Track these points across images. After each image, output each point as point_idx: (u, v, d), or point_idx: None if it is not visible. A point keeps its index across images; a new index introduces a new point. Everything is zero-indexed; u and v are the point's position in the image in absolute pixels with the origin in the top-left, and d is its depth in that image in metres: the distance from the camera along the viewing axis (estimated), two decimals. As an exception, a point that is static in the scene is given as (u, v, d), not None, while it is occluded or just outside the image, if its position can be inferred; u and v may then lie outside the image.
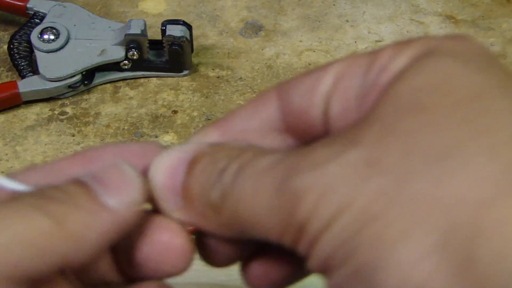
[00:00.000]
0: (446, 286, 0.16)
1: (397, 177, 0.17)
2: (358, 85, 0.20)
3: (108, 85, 0.52)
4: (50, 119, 0.50)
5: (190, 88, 0.52)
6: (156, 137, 0.49)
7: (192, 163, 0.22)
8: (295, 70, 0.53)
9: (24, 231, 0.19)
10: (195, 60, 0.53)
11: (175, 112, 0.51)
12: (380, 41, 0.56)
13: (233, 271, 0.41)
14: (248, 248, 0.23)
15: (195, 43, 0.53)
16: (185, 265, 0.22)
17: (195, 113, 0.50)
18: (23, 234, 0.19)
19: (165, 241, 0.22)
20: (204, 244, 0.23)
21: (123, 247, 0.23)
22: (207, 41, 0.56)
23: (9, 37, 0.53)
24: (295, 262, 0.23)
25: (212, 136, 0.23)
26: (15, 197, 0.20)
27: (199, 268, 0.41)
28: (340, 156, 0.18)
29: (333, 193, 0.18)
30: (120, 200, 0.21)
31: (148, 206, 0.23)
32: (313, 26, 0.57)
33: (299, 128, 0.22)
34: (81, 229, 0.20)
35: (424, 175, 0.17)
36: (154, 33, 0.53)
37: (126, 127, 0.49)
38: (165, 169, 0.22)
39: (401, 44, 0.20)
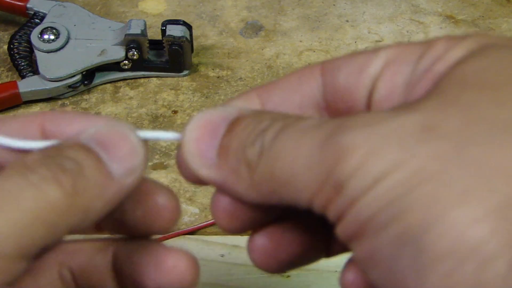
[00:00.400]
0: (502, 250, 0.16)
1: (458, 142, 0.17)
2: (408, 71, 0.20)
3: (108, 85, 0.52)
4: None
5: (190, 88, 0.52)
6: (156, 137, 0.49)
7: (234, 123, 0.21)
8: (295, 70, 0.53)
9: (36, 205, 0.19)
10: (195, 60, 0.54)
11: (175, 112, 0.51)
12: (380, 41, 0.56)
13: (234, 271, 0.41)
14: (266, 217, 0.23)
15: (195, 43, 0.53)
16: (173, 225, 0.23)
17: (195, 113, 0.50)
18: (34, 209, 0.19)
19: (158, 206, 0.23)
20: (222, 207, 0.22)
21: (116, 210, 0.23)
22: (207, 41, 0.56)
23: (9, 37, 0.53)
24: (309, 242, 0.22)
25: (253, 102, 0.23)
26: (26, 165, 0.20)
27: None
28: (394, 118, 0.17)
29: (383, 152, 0.17)
30: (125, 169, 0.21)
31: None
32: (313, 26, 0.57)
33: (339, 107, 0.22)
34: (90, 201, 0.20)
35: (486, 142, 0.17)
36: (154, 33, 0.53)
37: (126, 127, 0.49)
38: (205, 124, 0.21)
39: (456, 38, 0.20)
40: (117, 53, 0.51)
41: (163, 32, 0.50)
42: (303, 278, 0.40)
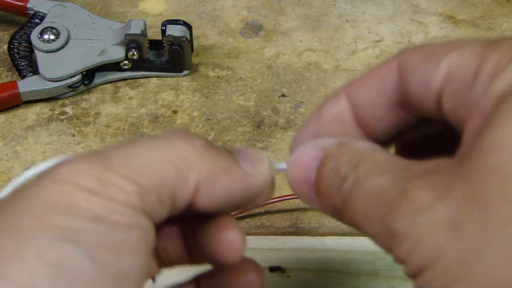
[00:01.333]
0: None
1: (476, 247, 0.18)
2: (467, 90, 0.21)
3: (108, 85, 0.52)
4: (50, 119, 0.50)
5: (190, 88, 0.52)
6: (156, 137, 0.49)
7: (322, 164, 0.24)
8: (295, 70, 0.53)
9: (168, 150, 0.23)
10: (195, 60, 0.54)
11: (175, 112, 0.51)
12: (380, 41, 0.56)
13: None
14: None
15: (195, 43, 0.53)
16: (234, 259, 0.26)
17: (195, 113, 0.50)
18: (167, 152, 0.23)
19: (226, 238, 0.26)
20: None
21: (195, 233, 0.27)
22: (207, 41, 0.56)
23: (9, 37, 0.53)
24: None
25: (341, 102, 0.26)
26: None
27: (199, 268, 0.41)
28: (431, 209, 0.20)
29: (423, 246, 0.19)
30: (254, 169, 0.25)
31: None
32: (313, 26, 0.57)
33: (414, 108, 0.24)
34: (218, 168, 0.24)
35: (498, 249, 0.18)
36: (154, 33, 0.53)
37: (126, 127, 0.50)
38: (301, 165, 0.25)
39: (504, 53, 0.21)
40: (117, 53, 0.51)
41: (163, 32, 0.50)
42: (303, 278, 0.40)
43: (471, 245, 0.19)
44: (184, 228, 0.28)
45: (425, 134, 0.27)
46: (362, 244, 0.41)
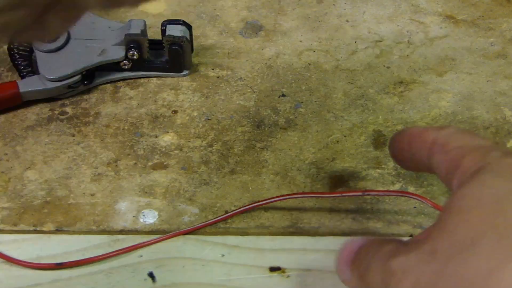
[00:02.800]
0: None
1: (445, 262, 0.27)
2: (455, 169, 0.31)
3: (108, 85, 0.52)
4: (50, 119, 0.50)
5: (190, 88, 0.52)
6: (156, 137, 0.49)
7: (359, 249, 0.33)
8: (295, 70, 0.53)
9: None
10: (195, 60, 0.54)
11: (175, 112, 0.51)
12: (380, 41, 0.56)
13: (234, 271, 0.41)
14: None
15: (195, 43, 0.53)
16: None
17: (195, 113, 0.50)
18: None
19: None
20: None
21: None
22: (207, 41, 0.56)
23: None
24: None
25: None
26: None
27: (199, 268, 0.41)
28: (416, 250, 0.29)
29: (408, 278, 0.28)
30: None
31: None
32: (313, 26, 0.57)
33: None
34: None
35: (461, 261, 0.26)
36: (154, 33, 0.53)
37: (126, 127, 0.50)
38: (346, 250, 0.33)
39: (468, 163, 0.30)
40: (117, 53, 0.51)
41: (163, 32, 0.50)
42: (303, 278, 0.40)
43: (440, 262, 0.27)
44: None
45: None
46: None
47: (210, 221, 0.43)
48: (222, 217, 0.43)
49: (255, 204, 0.43)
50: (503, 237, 0.25)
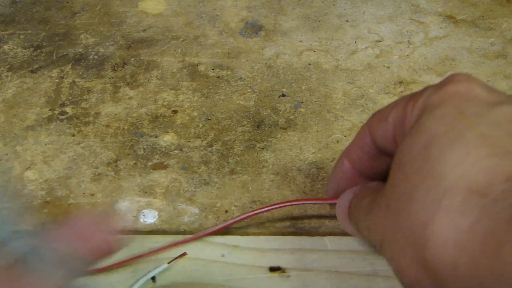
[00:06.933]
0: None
1: (394, 209, 0.29)
2: (403, 130, 0.31)
3: (108, 85, 0.52)
4: (50, 119, 0.50)
5: (190, 88, 0.52)
6: (156, 137, 0.49)
7: (351, 201, 0.35)
8: (295, 70, 0.53)
9: None
10: (195, 60, 0.54)
11: (175, 112, 0.51)
12: (380, 41, 0.56)
13: (234, 271, 0.41)
14: None
15: (195, 43, 0.53)
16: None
17: (195, 113, 0.50)
18: None
19: None
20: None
21: None
22: (207, 41, 0.56)
23: (9, 37, 0.53)
24: None
25: (344, 163, 0.37)
26: None
27: (199, 268, 0.41)
28: (375, 210, 0.31)
29: (376, 234, 0.31)
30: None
31: None
32: (313, 26, 0.57)
33: (386, 153, 0.34)
34: None
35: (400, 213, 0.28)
36: (154, 33, 0.53)
37: (126, 127, 0.50)
38: (342, 205, 0.36)
39: (415, 98, 0.30)
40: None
41: None
42: (303, 278, 0.40)
43: (390, 210, 0.29)
44: None
45: None
46: (362, 244, 0.41)
47: (219, 227, 0.42)
48: (229, 223, 0.43)
49: (263, 210, 0.42)
50: (431, 188, 0.26)
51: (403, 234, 0.27)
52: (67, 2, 0.61)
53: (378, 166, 0.36)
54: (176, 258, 0.40)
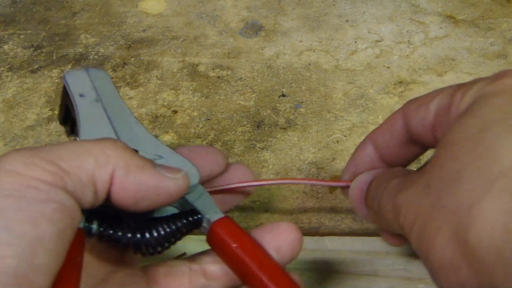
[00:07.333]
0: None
1: (437, 194, 0.28)
2: (446, 119, 0.31)
3: (108, 85, 0.52)
4: (50, 119, 0.50)
5: (190, 88, 0.52)
6: (156, 137, 0.49)
7: (371, 183, 0.34)
8: (295, 70, 0.53)
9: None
10: (195, 60, 0.54)
11: (175, 112, 0.51)
12: (380, 41, 0.56)
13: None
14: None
15: (195, 43, 0.53)
16: None
17: (195, 113, 0.50)
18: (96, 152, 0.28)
19: None
20: (385, 236, 0.36)
21: None
22: (207, 41, 0.56)
23: (9, 37, 0.53)
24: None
25: (367, 146, 0.36)
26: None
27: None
28: (415, 184, 0.29)
29: (409, 210, 0.29)
30: (168, 173, 0.29)
31: None
32: (313, 26, 0.57)
33: (417, 142, 0.34)
34: (132, 166, 0.28)
35: (444, 192, 0.27)
36: (154, 33, 0.53)
37: (126, 127, 0.50)
38: (358, 186, 0.35)
39: (464, 89, 0.30)
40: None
41: None
42: (303, 278, 0.40)
43: (433, 195, 0.28)
44: None
45: None
46: (362, 244, 0.41)
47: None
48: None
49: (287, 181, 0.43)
50: (482, 169, 0.26)
51: (443, 213, 0.27)
52: (67, 2, 0.61)
53: (403, 153, 0.35)
54: (176, 258, 0.40)
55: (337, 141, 0.49)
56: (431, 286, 0.40)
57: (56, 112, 0.50)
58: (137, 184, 0.28)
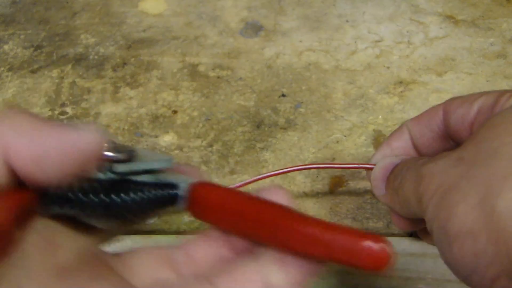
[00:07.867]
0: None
1: (470, 166, 0.28)
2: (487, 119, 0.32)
3: (108, 85, 0.52)
4: (50, 119, 0.50)
5: (190, 88, 0.52)
6: (156, 137, 0.49)
7: (397, 166, 0.35)
8: (295, 70, 0.53)
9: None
10: (195, 60, 0.54)
11: (175, 112, 0.51)
12: (380, 41, 0.56)
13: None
14: (415, 225, 0.37)
15: (195, 43, 0.53)
16: None
17: (195, 113, 0.51)
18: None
19: None
20: (396, 218, 0.36)
21: None
22: (207, 41, 0.56)
23: (9, 37, 0.53)
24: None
25: (404, 134, 0.37)
26: None
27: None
28: (447, 156, 0.30)
29: (435, 178, 0.30)
30: (78, 128, 0.25)
31: None
32: (313, 26, 0.57)
33: (453, 138, 0.35)
34: (29, 128, 0.25)
35: (484, 165, 0.28)
36: (154, 33, 0.53)
37: (126, 127, 0.50)
38: (382, 168, 0.36)
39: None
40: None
41: None
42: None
43: (466, 166, 0.29)
44: None
45: None
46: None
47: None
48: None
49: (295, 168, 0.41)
50: None
51: (472, 182, 0.28)
52: (67, 2, 0.61)
53: (437, 147, 0.36)
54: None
55: (337, 141, 0.49)
56: (431, 286, 0.40)
57: (57, 112, 0.51)
58: (41, 145, 0.24)
